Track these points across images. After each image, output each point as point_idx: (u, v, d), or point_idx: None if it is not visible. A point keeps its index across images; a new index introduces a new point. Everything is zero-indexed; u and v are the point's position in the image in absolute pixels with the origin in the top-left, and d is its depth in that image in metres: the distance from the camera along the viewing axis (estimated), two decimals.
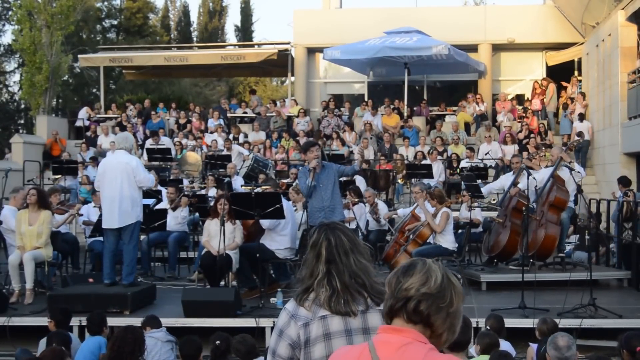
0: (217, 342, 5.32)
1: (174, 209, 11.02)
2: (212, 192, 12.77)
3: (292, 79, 23.20)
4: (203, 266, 9.15)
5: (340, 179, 9.27)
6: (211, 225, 9.19)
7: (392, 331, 2.09)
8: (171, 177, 14.79)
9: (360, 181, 13.09)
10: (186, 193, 12.25)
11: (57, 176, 16.04)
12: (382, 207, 11.78)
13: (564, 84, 20.49)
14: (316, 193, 8.64)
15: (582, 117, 17.87)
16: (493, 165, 16.15)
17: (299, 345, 2.67)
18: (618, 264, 10.79)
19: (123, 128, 19.00)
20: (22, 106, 34.86)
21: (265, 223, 8.88)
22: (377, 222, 11.47)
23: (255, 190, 10.10)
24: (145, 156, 16.73)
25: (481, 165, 15.50)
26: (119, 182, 8.41)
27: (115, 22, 38.12)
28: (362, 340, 2.69)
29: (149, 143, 17.78)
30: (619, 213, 10.71)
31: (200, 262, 9.30)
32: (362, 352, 2.11)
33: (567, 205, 9.85)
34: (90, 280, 9.36)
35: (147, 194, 11.98)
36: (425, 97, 21.91)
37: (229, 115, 20.96)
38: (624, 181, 11.83)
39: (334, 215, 8.42)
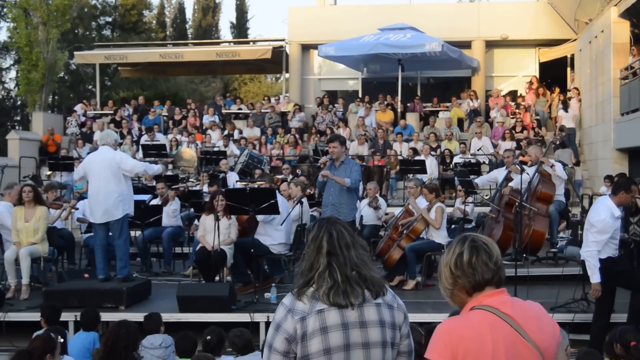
0: (208, 337, 5.37)
1: (163, 204, 11.02)
2: (207, 188, 12.78)
3: (287, 75, 23.21)
4: (198, 261, 9.18)
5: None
6: (207, 221, 9.21)
7: (498, 293, 2.40)
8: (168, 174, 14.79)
9: None
10: (178, 187, 12.25)
11: (49, 172, 16.04)
12: (383, 202, 11.84)
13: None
14: (327, 188, 8.73)
15: (565, 105, 17.92)
16: (487, 162, 16.20)
17: (295, 339, 2.67)
18: None
19: (118, 124, 19.04)
20: (18, 103, 34.84)
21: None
22: (376, 209, 11.41)
23: (250, 186, 10.13)
24: (140, 152, 16.78)
25: (474, 161, 15.56)
26: (103, 177, 8.43)
27: (110, 19, 38.07)
28: (359, 334, 2.68)
29: (144, 139, 17.81)
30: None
31: (195, 257, 9.34)
32: (493, 320, 2.35)
33: (553, 199, 9.82)
34: (86, 275, 9.40)
35: (142, 189, 12.03)
36: (418, 93, 21.96)
37: (223, 111, 21.00)
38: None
39: (339, 213, 8.34)
